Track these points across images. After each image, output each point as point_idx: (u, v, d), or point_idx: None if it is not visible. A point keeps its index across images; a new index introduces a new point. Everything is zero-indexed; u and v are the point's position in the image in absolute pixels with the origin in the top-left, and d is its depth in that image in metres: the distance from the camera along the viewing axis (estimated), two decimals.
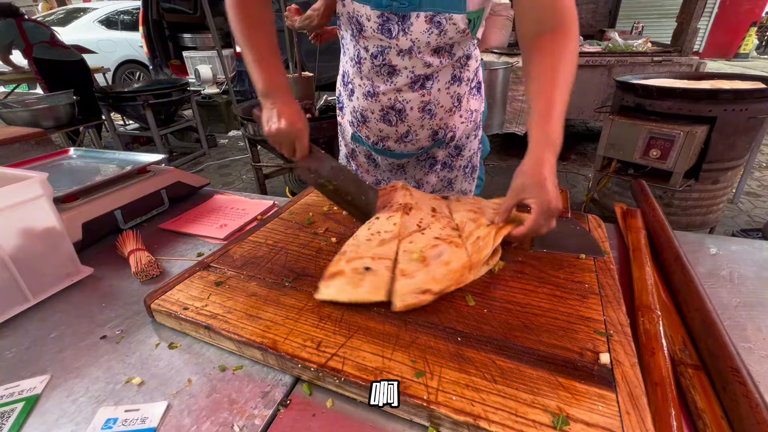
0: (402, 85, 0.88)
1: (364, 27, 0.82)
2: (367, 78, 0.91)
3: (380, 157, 1.06)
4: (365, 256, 0.66)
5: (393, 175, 1.11)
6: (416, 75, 0.87)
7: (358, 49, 0.88)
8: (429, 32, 0.79)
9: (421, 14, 0.77)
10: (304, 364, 0.49)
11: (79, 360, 0.56)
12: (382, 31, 0.80)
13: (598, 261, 0.67)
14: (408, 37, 0.80)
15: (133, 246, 0.80)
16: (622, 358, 0.48)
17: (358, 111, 0.98)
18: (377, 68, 0.87)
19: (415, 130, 0.96)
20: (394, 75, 0.87)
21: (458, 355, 0.49)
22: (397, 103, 0.91)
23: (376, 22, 0.79)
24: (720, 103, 1.82)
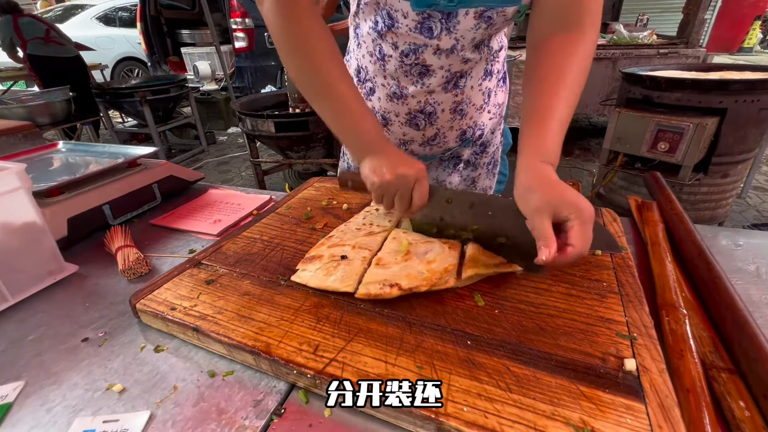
0: (435, 86, 0.77)
1: (398, 24, 0.69)
2: (393, 77, 0.78)
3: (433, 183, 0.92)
4: (347, 244, 0.63)
5: None
6: (452, 74, 0.76)
7: (380, 44, 0.75)
8: (476, 28, 0.68)
9: (471, 11, 0.66)
10: (300, 370, 0.45)
11: (57, 364, 0.52)
12: (421, 30, 0.69)
13: (616, 257, 0.62)
14: (452, 36, 0.69)
15: (122, 242, 0.76)
16: (648, 364, 0.43)
17: (379, 113, 0.86)
18: (407, 67, 0.75)
19: (443, 133, 0.87)
20: (426, 76, 0.76)
21: (468, 361, 0.45)
22: (428, 106, 0.81)
23: (414, 20, 0.68)
24: (731, 94, 1.77)
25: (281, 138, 2.25)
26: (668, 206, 0.78)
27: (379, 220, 0.72)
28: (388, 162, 0.60)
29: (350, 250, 0.62)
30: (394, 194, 0.60)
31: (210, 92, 5.08)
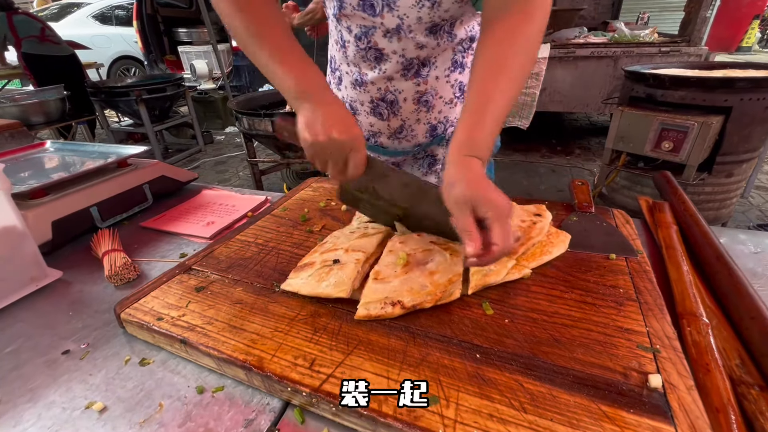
0: (393, 72, 0.76)
1: (345, 3, 0.69)
2: (354, 64, 0.79)
3: (373, 154, 0.92)
4: (340, 248, 0.59)
5: None
6: (408, 59, 0.74)
7: (340, 30, 0.76)
8: (419, 5, 0.66)
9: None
10: (295, 387, 0.41)
11: (34, 380, 0.49)
12: (364, 7, 0.68)
13: (631, 261, 0.59)
14: (394, 14, 0.67)
15: (109, 246, 0.72)
16: (675, 380, 0.40)
17: (347, 102, 0.86)
18: (363, 52, 0.75)
19: (410, 125, 0.85)
20: (381, 60, 0.75)
21: (478, 377, 0.41)
22: (389, 94, 0.80)
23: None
24: (736, 92, 1.74)
25: None
26: (681, 207, 0.75)
27: (375, 223, 0.69)
28: (324, 119, 0.54)
29: (343, 254, 0.58)
30: (327, 158, 0.56)
31: (207, 91, 5.04)
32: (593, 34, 3.52)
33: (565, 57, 3.19)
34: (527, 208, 0.69)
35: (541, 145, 4.05)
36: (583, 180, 0.81)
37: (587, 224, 0.69)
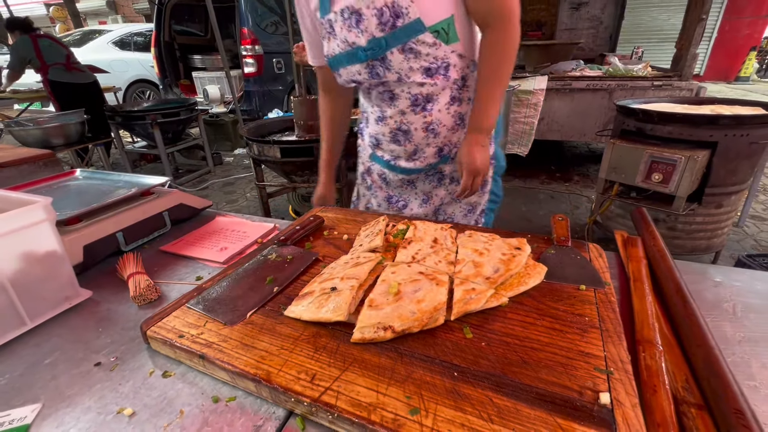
0: (405, 108, 1.00)
1: (361, 81, 1.00)
2: (377, 105, 1.05)
3: (392, 173, 1.16)
4: (336, 277, 0.67)
5: (404, 190, 1.19)
6: (413, 95, 0.97)
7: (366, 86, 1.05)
8: (407, 59, 0.90)
9: (394, 50, 0.89)
10: (298, 398, 0.49)
11: (71, 388, 0.56)
12: (372, 76, 0.95)
13: (599, 292, 0.66)
14: (393, 71, 0.93)
15: (133, 269, 0.81)
16: (623, 398, 0.46)
17: (373, 136, 1.12)
18: (381, 95, 1.01)
19: (421, 148, 1.06)
20: (395, 99, 1.00)
21: (454, 392, 0.48)
22: (403, 125, 1.03)
23: (365, 72, 0.95)
24: (720, 129, 1.83)
25: (286, 163, 2.32)
26: (651, 242, 0.82)
27: (366, 252, 0.76)
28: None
29: (339, 282, 0.66)
30: None
31: (218, 114, 5.25)
32: (589, 67, 3.68)
33: (562, 89, 3.33)
34: (509, 241, 0.77)
35: (541, 172, 4.15)
36: (563, 215, 0.89)
37: (563, 257, 0.76)
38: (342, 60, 0.96)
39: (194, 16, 6.71)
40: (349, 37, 0.90)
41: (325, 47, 0.99)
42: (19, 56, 3.77)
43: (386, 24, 0.86)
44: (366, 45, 0.89)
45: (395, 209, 1.21)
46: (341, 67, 0.98)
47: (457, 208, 1.18)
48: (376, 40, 0.88)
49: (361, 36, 0.89)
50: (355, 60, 0.93)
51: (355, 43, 0.90)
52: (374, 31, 0.87)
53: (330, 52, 0.97)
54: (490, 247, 0.74)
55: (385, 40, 0.87)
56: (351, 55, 0.93)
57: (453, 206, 1.18)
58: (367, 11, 0.86)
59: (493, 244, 0.75)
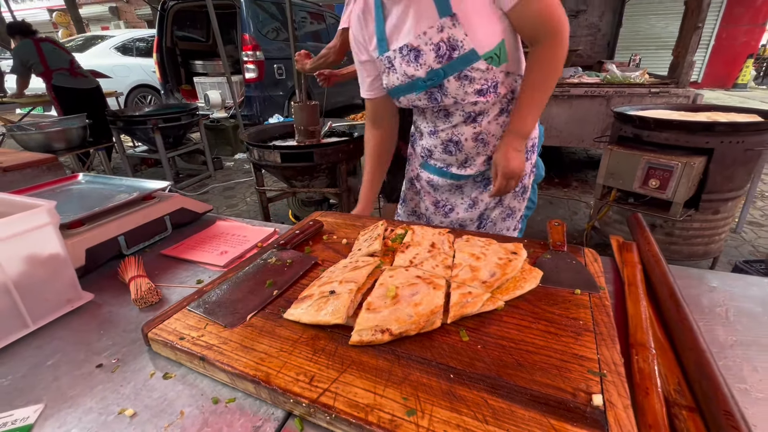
0: (457, 122, 1.07)
1: (419, 105, 1.08)
2: (430, 121, 1.12)
3: (443, 179, 1.22)
4: (335, 281, 0.68)
5: (451, 194, 1.24)
6: (467, 113, 1.05)
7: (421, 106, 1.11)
8: (462, 86, 0.97)
9: (451, 78, 0.96)
10: (296, 399, 0.49)
11: (74, 389, 0.57)
12: (431, 101, 1.04)
13: (593, 297, 0.67)
14: (449, 96, 1.00)
15: (135, 272, 0.82)
16: (615, 400, 0.47)
17: (426, 147, 1.19)
18: (436, 113, 1.09)
19: (472, 157, 1.13)
20: (449, 116, 1.08)
21: (450, 393, 0.49)
22: (454, 136, 1.09)
23: (424, 98, 1.03)
24: (716, 135, 1.85)
25: (287, 168, 2.34)
26: (646, 248, 0.83)
27: (364, 256, 0.77)
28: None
29: (337, 285, 0.67)
30: None
31: (219, 119, 5.27)
32: (587, 74, 3.71)
33: (561, 95, 3.36)
34: (506, 246, 0.78)
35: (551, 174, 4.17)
36: (559, 221, 0.90)
37: (559, 262, 0.77)
38: (402, 90, 1.04)
39: (196, 22, 6.76)
40: (408, 71, 0.99)
41: (385, 80, 1.07)
42: (21, 60, 3.79)
43: (443, 57, 0.93)
44: (425, 76, 0.97)
45: (442, 213, 1.26)
46: (402, 96, 1.06)
47: (498, 213, 1.21)
48: (434, 71, 0.96)
49: (420, 69, 0.97)
50: (414, 89, 1.02)
51: (414, 75, 0.98)
52: (432, 63, 0.95)
53: (390, 84, 1.05)
54: (486, 251, 0.75)
55: (443, 71, 0.95)
56: (410, 85, 1.01)
57: (496, 211, 1.21)
58: (425, 47, 0.94)
59: (489, 249, 0.76)
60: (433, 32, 0.92)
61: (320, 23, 7.10)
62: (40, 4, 17.78)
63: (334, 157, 2.34)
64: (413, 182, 1.32)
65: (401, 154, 2.28)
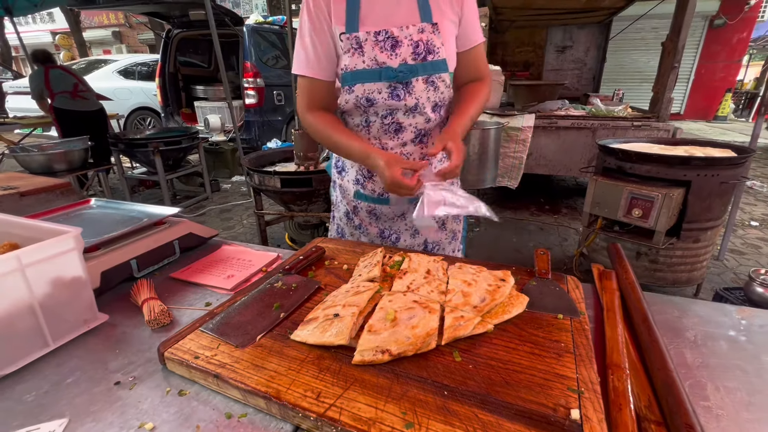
0: (407, 140, 1.09)
1: (376, 99, 1.03)
2: (375, 138, 1.10)
3: (383, 207, 1.19)
4: (338, 304, 0.74)
5: (394, 223, 1.23)
6: (418, 130, 1.08)
7: (365, 116, 1.08)
8: (427, 90, 1.03)
9: (420, 78, 1.01)
10: (305, 413, 0.54)
11: (94, 405, 0.61)
12: (392, 97, 1.02)
13: (575, 321, 0.74)
14: (413, 96, 1.02)
15: (147, 295, 0.87)
16: (591, 414, 0.53)
17: (365, 168, 1.15)
18: (386, 127, 1.08)
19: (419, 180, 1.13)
20: (400, 131, 1.08)
21: (444, 408, 0.54)
22: (402, 156, 1.10)
23: (386, 92, 1.02)
24: (693, 169, 1.98)
25: (286, 193, 2.41)
26: (624, 275, 0.90)
27: (364, 282, 0.83)
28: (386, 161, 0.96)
29: (341, 309, 0.72)
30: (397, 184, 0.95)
31: (218, 143, 5.38)
32: (574, 106, 3.90)
33: (549, 127, 3.52)
34: (495, 273, 0.85)
35: (531, 204, 4.30)
36: (544, 249, 0.97)
37: (544, 288, 0.84)
38: (364, 76, 1.00)
39: (198, 49, 6.99)
40: (380, 57, 0.98)
41: (345, 61, 1.00)
42: (32, 87, 3.95)
43: (419, 55, 0.99)
44: (397, 67, 0.99)
45: (389, 242, 1.23)
46: (359, 83, 1.01)
47: (443, 236, 1.26)
48: (407, 65, 0.99)
49: (394, 59, 0.98)
50: (378, 78, 1.00)
51: (385, 63, 0.98)
52: (407, 57, 0.99)
53: (351, 66, 0.99)
54: (477, 278, 0.82)
55: (416, 68, 1.00)
56: (376, 72, 0.99)
57: (439, 235, 1.25)
58: (405, 40, 0.98)
59: (480, 276, 0.83)
60: (414, 30, 0.97)
61: None
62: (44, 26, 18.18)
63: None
64: (350, 217, 1.25)
65: None
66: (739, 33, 10.27)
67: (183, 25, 5.85)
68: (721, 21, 10.10)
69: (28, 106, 6.51)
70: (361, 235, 1.27)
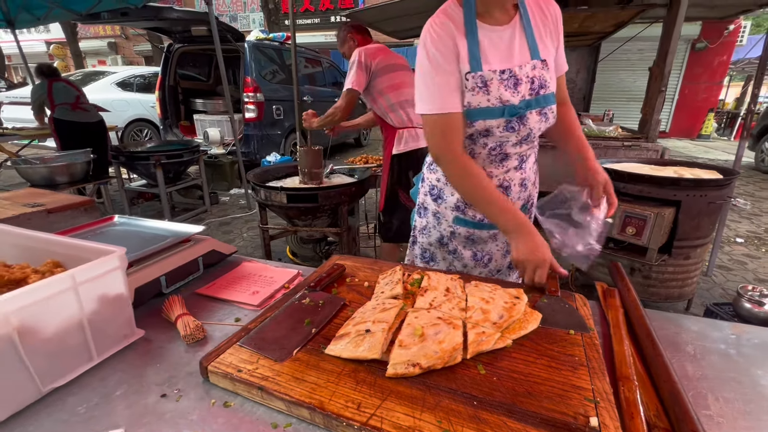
0: (510, 167, 1.17)
1: (492, 132, 1.09)
2: (480, 167, 1.12)
3: (483, 231, 1.25)
4: (368, 321, 0.79)
5: (486, 245, 1.28)
6: (520, 157, 1.16)
7: (472, 147, 1.15)
8: (540, 121, 1.10)
9: (534, 111, 1.08)
10: (348, 422, 0.59)
11: (146, 416, 0.65)
12: (507, 129, 1.08)
13: (585, 336, 0.80)
14: (527, 127, 1.09)
15: (180, 311, 0.91)
16: (607, 422, 0.59)
17: None
18: (493, 157, 1.15)
19: (514, 202, 1.22)
20: (505, 160, 1.16)
21: (476, 417, 0.60)
22: (504, 182, 1.19)
23: (503, 125, 1.08)
24: (682, 190, 2.08)
25: (291, 208, 2.46)
26: (626, 294, 0.97)
27: (389, 299, 0.89)
28: (538, 243, 1.00)
29: (371, 325, 0.78)
30: (533, 266, 0.99)
31: (217, 155, 5.42)
32: None
33: (545, 145, 3.63)
34: (509, 291, 0.91)
35: None
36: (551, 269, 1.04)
37: (554, 305, 0.90)
38: (486, 113, 1.05)
39: (197, 62, 7.08)
40: (504, 95, 1.04)
41: (469, 98, 1.04)
42: (33, 98, 3.97)
43: (534, 90, 1.07)
44: (518, 104, 1.06)
45: (481, 264, 1.29)
46: (480, 119, 1.06)
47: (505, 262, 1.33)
48: (526, 101, 1.07)
49: (516, 96, 1.05)
50: (501, 115, 1.05)
51: (509, 101, 1.05)
52: (525, 94, 1.06)
53: (476, 104, 1.04)
54: (494, 296, 0.88)
55: (532, 102, 1.07)
56: (500, 110, 1.05)
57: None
58: (524, 78, 1.05)
59: (496, 294, 0.89)
60: (529, 68, 1.06)
61: (315, 67, 7.52)
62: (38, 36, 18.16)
63: (337, 199, 2.48)
64: (444, 242, 1.29)
65: (399, 198, 2.44)
66: (719, 56, 10.74)
67: (185, 40, 5.94)
68: (702, 44, 10.56)
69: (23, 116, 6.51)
70: (454, 260, 1.30)
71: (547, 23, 1.10)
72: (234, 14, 14.88)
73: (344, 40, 2.51)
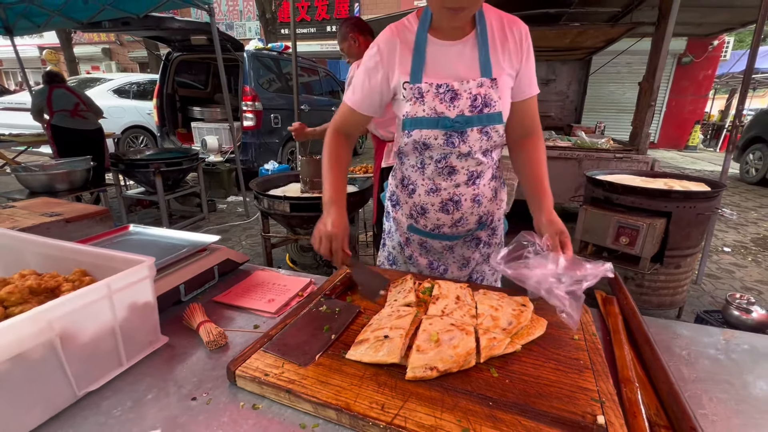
0: (460, 182, 1.16)
1: (431, 144, 1.12)
2: (430, 178, 1.18)
3: (435, 241, 1.29)
4: (385, 327, 0.83)
5: (443, 255, 1.33)
6: (470, 172, 1.15)
7: (421, 158, 1.17)
8: (480, 139, 1.10)
9: (475, 128, 1.09)
10: (374, 422, 0.64)
11: (180, 418, 0.68)
12: (447, 143, 1.11)
13: (588, 342, 0.85)
14: (467, 144, 1.10)
15: (201, 318, 0.94)
16: (613, 420, 0.64)
17: (419, 205, 1.24)
18: (440, 169, 1.16)
19: (466, 217, 1.22)
20: (453, 174, 1.16)
21: (492, 417, 0.65)
22: (455, 196, 1.19)
23: (442, 139, 1.10)
24: (672, 201, 2.17)
25: (294, 217, 2.50)
26: (624, 302, 1.03)
27: (403, 306, 0.94)
28: (331, 217, 1.10)
29: (389, 331, 0.83)
30: (325, 244, 1.07)
31: (215, 163, 5.44)
32: (559, 137, 4.16)
33: (557, 157, 3.73)
34: (515, 299, 0.97)
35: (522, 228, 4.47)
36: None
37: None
38: (422, 123, 1.09)
39: (196, 71, 7.12)
40: (438, 108, 1.06)
41: (405, 108, 1.10)
42: (32, 104, 3.98)
43: (476, 107, 1.06)
44: (454, 117, 1.07)
45: (437, 273, 1.33)
46: (417, 129, 1.10)
47: (486, 268, 1.37)
48: (464, 116, 1.07)
49: (452, 110, 1.06)
50: (436, 126, 1.08)
51: (443, 113, 1.06)
52: (465, 109, 1.06)
53: (412, 113, 1.08)
54: (502, 303, 0.93)
55: (472, 120, 1.07)
56: (434, 121, 1.08)
57: (483, 266, 1.36)
58: (464, 93, 1.06)
59: (504, 302, 0.95)
60: (474, 84, 1.05)
61: (312, 76, 7.61)
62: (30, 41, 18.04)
63: None
64: (403, 247, 1.36)
65: None
66: (704, 70, 11.09)
67: (184, 49, 5.99)
68: (688, 59, 10.91)
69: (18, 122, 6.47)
70: (410, 266, 1.37)
71: (506, 44, 1.07)
72: (230, 23, 15.00)
73: (344, 38, 2.50)
